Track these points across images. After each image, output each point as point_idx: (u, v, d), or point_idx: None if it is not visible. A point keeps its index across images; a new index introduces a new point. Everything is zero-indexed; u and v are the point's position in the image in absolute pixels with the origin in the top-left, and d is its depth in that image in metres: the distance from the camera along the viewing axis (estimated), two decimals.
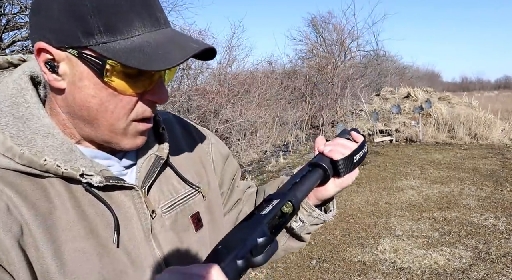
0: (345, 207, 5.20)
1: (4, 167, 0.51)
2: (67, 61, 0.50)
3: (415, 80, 26.96)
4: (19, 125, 0.53)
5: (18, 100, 0.54)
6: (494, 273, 3.23)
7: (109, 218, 0.56)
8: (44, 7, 0.49)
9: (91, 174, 0.54)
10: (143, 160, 0.63)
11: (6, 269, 0.48)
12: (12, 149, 0.51)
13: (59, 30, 0.49)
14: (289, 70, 14.66)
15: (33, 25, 0.51)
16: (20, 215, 0.50)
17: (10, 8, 4.32)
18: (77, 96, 0.52)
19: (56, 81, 0.52)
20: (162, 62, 0.49)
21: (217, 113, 7.77)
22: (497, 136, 10.33)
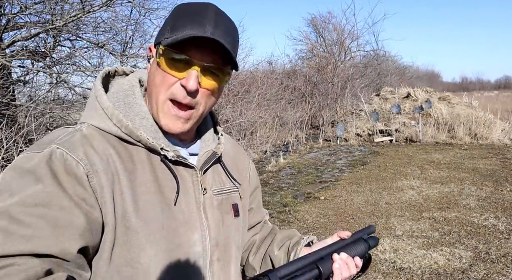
0: (345, 207, 5.20)
1: (112, 133, 0.73)
2: (154, 54, 0.76)
3: (415, 80, 26.97)
4: (127, 109, 0.77)
5: (129, 93, 0.79)
6: (494, 273, 3.23)
7: (173, 184, 0.75)
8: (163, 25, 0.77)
9: (168, 150, 0.75)
10: (203, 152, 0.83)
11: (99, 201, 0.67)
12: (122, 121, 0.73)
13: (157, 36, 0.76)
14: (289, 70, 14.66)
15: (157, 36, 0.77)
16: (115, 167, 0.70)
17: (10, 8, 4.32)
18: (149, 75, 0.77)
19: (147, 68, 0.79)
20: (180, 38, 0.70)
21: (217, 113, 7.77)
22: (497, 136, 10.33)
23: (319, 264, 0.72)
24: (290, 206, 5.34)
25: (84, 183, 0.66)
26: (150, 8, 5.74)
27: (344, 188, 6.19)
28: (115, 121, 0.73)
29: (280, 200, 5.70)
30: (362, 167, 7.80)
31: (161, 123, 0.75)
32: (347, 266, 0.78)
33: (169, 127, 0.75)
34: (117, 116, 0.73)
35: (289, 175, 7.43)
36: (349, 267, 0.78)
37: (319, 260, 0.74)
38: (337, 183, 6.53)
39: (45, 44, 5.07)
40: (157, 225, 0.71)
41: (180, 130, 0.76)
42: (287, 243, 0.94)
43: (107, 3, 4.72)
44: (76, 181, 0.65)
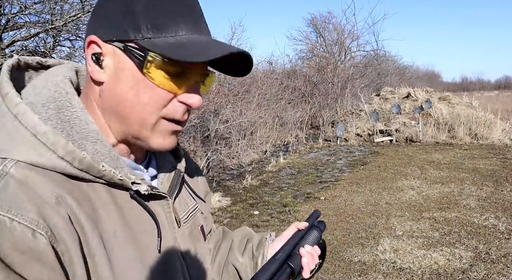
0: (345, 207, 5.19)
1: (56, 170, 0.51)
2: (112, 54, 0.54)
3: (415, 80, 26.97)
4: (68, 129, 0.53)
5: (63, 104, 0.54)
6: (494, 274, 3.23)
7: (146, 225, 0.58)
8: (103, 7, 0.55)
9: (139, 183, 0.57)
10: (166, 172, 0.67)
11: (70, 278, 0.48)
12: (74, 153, 0.51)
13: (110, 25, 0.53)
14: (289, 70, 14.67)
15: (89, 23, 0.55)
16: (78, 222, 0.50)
17: (10, 8, 4.32)
18: (116, 88, 0.55)
19: (98, 73, 0.54)
20: (202, 55, 0.52)
21: (217, 113, 7.76)
22: (497, 136, 10.33)
23: (290, 262, 0.73)
24: (290, 206, 5.34)
25: (50, 260, 0.46)
26: None
27: (344, 188, 6.18)
28: (62, 152, 0.50)
29: (280, 200, 5.70)
30: (362, 167, 7.79)
31: (150, 142, 0.58)
32: (312, 257, 0.79)
33: (160, 144, 0.59)
34: (64, 145, 0.50)
35: (289, 175, 7.43)
36: (314, 258, 0.79)
37: (289, 258, 0.75)
38: (337, 183, 6.52)
39: (45, 44, 5.07)
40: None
41: (172, 146, 0.60)
42: (249, 247, 0.86)
43: None
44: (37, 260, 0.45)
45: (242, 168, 8.06)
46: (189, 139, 7.12)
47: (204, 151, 7.24)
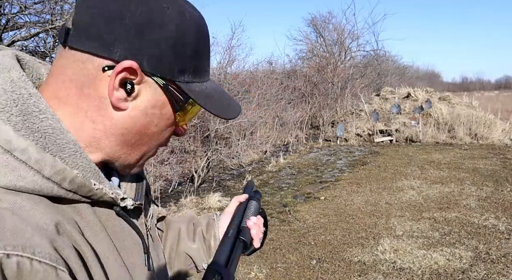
0: (345, 207, 5.19)
1: (41, 193, 0.44)
2: (147, 87, 0.51)
3: (415, 80, 26.98)
4: (42, 141, 0.45)
5: (28, 108, 0.45)
6: (494, 273, 3.23)
7: (128, 241, 0.55)
8: (153, 34, 0.49)
9: (126, 198, 0.53)
10: (126, 180, 0.61)
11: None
12: (64, 171, 0.45)
13: (158, 59, 0.49)
14: (289, 70, 14.66)
15: (131, 45, 0.48)
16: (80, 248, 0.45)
17: (10, 8, 4.32)
18: (140, 121, 0.51)
19: (121, 101, 0.49)
20: (230, 113, 0.57)
21: None
22: (497, 136, 10.33)
23: (242, 237, 0.76)
24: (290, 206, 5.34)
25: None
26: None
27: (344, 188, 6.18)
28: (49, 172, 0.44)
29: (280, 200, 5.70)
30: (362, 167, 7.79)
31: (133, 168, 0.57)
32: (259, 227, 0.81)
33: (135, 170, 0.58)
34: (51, 163, 0.44)
35: (289, 175, 7.43)
36: (260, 227, 0.82)
37: (239, 233, 0.78)
38: (337, 183, 6.52)
39: (45, 44, 5.07)
40: None
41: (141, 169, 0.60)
42: (198, 231, 0.85)
43: None
44: None
45: (242, 168, 8.06)
46: (189, 139, 7.12)
47: (204, 151, 7.24)
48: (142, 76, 0.49)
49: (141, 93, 0.50)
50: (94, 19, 0.47)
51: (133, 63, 0.48)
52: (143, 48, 0.48)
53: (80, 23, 0.48)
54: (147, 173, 5.67)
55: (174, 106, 0.53)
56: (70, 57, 0.48)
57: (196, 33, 0.52)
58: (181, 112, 0.54)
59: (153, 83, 0.50)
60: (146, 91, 0.50)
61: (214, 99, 0.55)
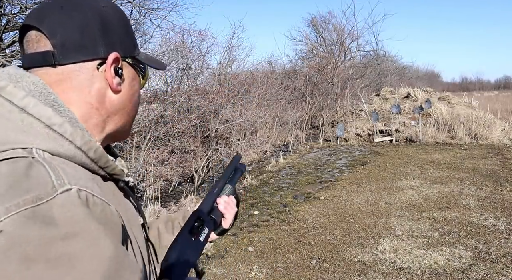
0: (345, 207, 5.20)
1: (75, 161, 0.53)
2: (125, 68, 0.65)
3: (415, 80, 26.98)
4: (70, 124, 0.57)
5: (50, 103, 0.55)
6: (494, 273, 3.23)
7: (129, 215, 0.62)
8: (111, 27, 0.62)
9: (129, 174, 0.64)
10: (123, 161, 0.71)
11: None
12: (90, 143, 0.55)
13: (124, 44, 0.64)
14: (289, 70, 14.67)
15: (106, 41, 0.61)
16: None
17: (10, 9, 4.32)
18: (129, 93, 0.66)
19: (119, 84, 0.63)
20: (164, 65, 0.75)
21: (217, 113, 7.77)
22: (497, 136, 10.34)
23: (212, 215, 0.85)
24: (290, 206, 5.34)
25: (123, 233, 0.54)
26: (150, 8, 5.74)
27: (344, 188, 6.19)
28: (80, 142, 0.54)
29: (280, 200, 5.71)
30: (362, 167, 7.80)
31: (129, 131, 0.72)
32: (229, 204, 0.90)
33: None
34: (81, 135, 0.54)
35: (289, 175, 7.44)
36: (230, 206, 0.91)
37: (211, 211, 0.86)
38: (337, 183, 6.53)
39: None
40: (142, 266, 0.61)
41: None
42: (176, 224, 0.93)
43: None
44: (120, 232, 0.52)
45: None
46: (189, 139, 7.13)
47: (204, 151, 7.24)
48: (121, 61, 0.63)
49: (125, 74, 0.65)
50: (70, 34, 0.57)
51: (116, 54, 0.61)
52: (113, 41, 0.62)
53: (60, 43, 0.57)
54: (147, 173, 5.68)
55: (140, 75, 0.68)
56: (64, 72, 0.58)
57: (126, 16, 0.68)
58: (144, 77, 0.70)
59: (126, 63, 0.65)
60: (125, 71, 0.65)
61: (154, 60, 0.72)
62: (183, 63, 7.44)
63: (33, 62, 0.57)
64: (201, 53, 8.33)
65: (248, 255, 3.83)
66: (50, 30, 0.57)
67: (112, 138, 0.67)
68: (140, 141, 5.95)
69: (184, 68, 7.44)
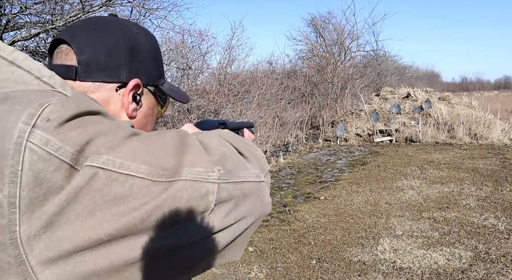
0: (345, 207, 5.20)
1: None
2: (145, 95, 0.66)
3: (415, 80, 26.96)
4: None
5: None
6: (494, 273, 3.23)
7: None
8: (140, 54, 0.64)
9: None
10: None
11: None
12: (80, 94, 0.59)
13: (148, 72, 0.65)
14: (289, 70, 14.65)
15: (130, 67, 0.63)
16: None
17: (11, 9, 4.32)
18: (143, 121, 0.66)
19: (135, 110, 0.64)
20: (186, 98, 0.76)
21: (217, 113, 7.77)
22: (497, 136, 10.34)
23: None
24: (290, 206, 5.34)
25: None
26: (150, 8, 5.75)
27: (344, 188, 6.19)
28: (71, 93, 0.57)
29: (280, 200, 5.71)
30: (362, 167, 7.80)
31: None
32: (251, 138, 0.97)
33: None
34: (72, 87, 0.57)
35: (289, 175, 7.44)
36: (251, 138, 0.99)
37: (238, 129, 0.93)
38: (337, 183, 6.53)
39: (45, 44, 5.07)
40: None
41: None
42: None
43: (106, 3, 4.73)
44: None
45: None
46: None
47: None
48: (142, 88, 0.64)
49: (144, 101, 0.66)
50: (96, 55, 0.60)
51: (137, 81, 0.63)
52: (138, 67, 0.63)
53: (86, 61, 0.59)
54: None
55: (159, 104, 0.70)
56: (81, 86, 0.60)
57: (157, 45, 0.69)
58: (163, 107, 0.71)
59: (147, 91, 0.66)
60: (145, 98, 0.66)
61: (177, 91, 0.73)
62: (183, 63, 7.44)
63: (55, 72, 0.58)
64: (201, 53, 8.33)
65: (248, 255, 3.83)
66: (79, 47, 0.59)
67: None
68: None
69: (184, 68, 7.44)
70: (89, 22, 0.62)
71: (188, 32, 7.64)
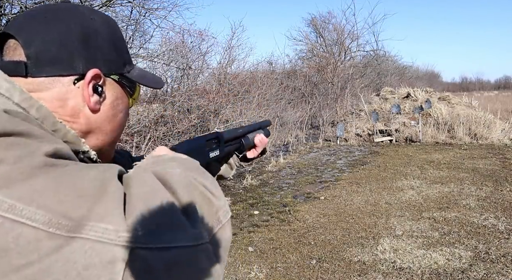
0: (345, 207, 5.20)
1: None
2: (109, 85, 0.61)
3: (415, 80, 26.95)
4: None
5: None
6: (494, 273, 3.23)
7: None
8: (96, 41, 0.58)
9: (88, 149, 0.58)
10: None
11: None
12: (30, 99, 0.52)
13: (108, 60, 0.60)
14: (289, 70, 14.65)
15: (86, 56, 0.57)
16: None
17: (11, 9, 4.32)
18: (110, 113, 0.61)
19: (98, 103, 0.59)
20: (160, 83, 0.71)
21: (217, 113, 7.77)
22: (497, 136, 10.33)
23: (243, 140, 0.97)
24: (290, 206, 5.34)
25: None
26: (150, 8, 5.75)
27: (344, 188, 6.19)
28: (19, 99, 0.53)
29: (280, 200, 5.71)
30: (362, 167, 7.80)
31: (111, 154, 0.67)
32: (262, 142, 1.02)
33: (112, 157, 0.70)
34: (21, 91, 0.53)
35: (289, 175, 7.43)
36: (262, 142, 1.03)
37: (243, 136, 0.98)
38: (337, 183, 6.53)
39: None
40: None
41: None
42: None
43: (106, 3, 4.73)
44: None
45: (242, 168, 8.06)
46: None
47: None
48: (104, 78, 0.59)
49: (108, 92, 0.60)
50: (46, 47, 0.54)
51: (96, 70, 0.57)
52: (95, 56, 0.58)
53: (35, 55, 0.53)
54: None
55: (128, 93, 0.64)
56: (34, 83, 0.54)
57: (118, 31, 0.63)
58: (133, 96, 0.66)
59: (111, 80, 0.61)
60: (109, 89, 0.60)
61: (148, 77, 0.67)
62: (183, 63, 7.44)
63: (5, 69, 0.53)
64: (201, 53, 8.33)
65: (248, 255, 3.83)
66: (26, 40, 0.53)
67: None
68: (140, 141, 5.95)
69: (184, 68, 7.44)
70: (35, 12, 0.56)
71: (188, 32, 7.64)
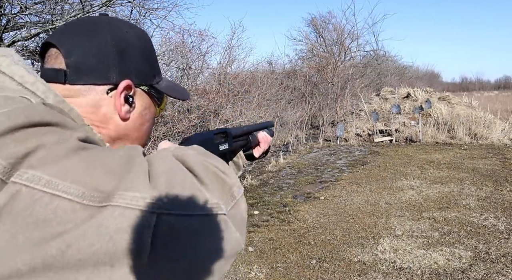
0: (345, 207, 5.20)
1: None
2: (139, 96, 0.65)
3: (415, 80, 26.95)
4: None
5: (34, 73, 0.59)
6: (494, 273, 3.23)
7: None
8: (130, 54, 0.63)
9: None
10: None
11: None
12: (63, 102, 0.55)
13: (139, 72, 0.64)
14: (289, 70, 14.65)
15: (120, 68, 0.61)
16: None
17: (11, 9, 4.32)
18: (138, 122, 0.66)
19: (128, 112, 0.63)
20: (186, 95, 0.75)
21: (217, 113, 7.77)
22: (497, 136, 10.33)
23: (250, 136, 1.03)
24: (290, 206, 5.34)
25: None
26: (150, 8, 5.74)
27: (344, 188, 6.19)
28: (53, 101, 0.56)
29: (280, 200, 5.71)
30: (362, 167, 7.80)
31: None
32: (266, 140, 1.07)
33: None
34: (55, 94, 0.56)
35: (289, 175, 7.43)
36: (266, 140, 1.08)
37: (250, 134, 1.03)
38: (337, 183, 6.53)
39: None
40: None
41: None
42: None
43: (106, 3, 4.73)
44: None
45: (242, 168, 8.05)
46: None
47: None
48: (134, 89, 0.63)
49: (138, 102, 0.65)
50: (85, 58, 0.59)
51: (128, 82, 0.62)
52: (128, 68, 0.62)
53: (74, 64, 0.59)
54: None
55: (156, 103, 0.69)
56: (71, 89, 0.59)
57: (150, 44, 0.68)
58: (160, 106, 0.70)
59: (141, 91, 0.65)
60: (138, 99, 0.65)
61: (175, 89, 0.72)
62: (183, 63, 7.44)
63: (46, 76, 0.58)
64: (201, 53, 8.33)
65: (248, 255, 3.83)
66: (67, 50, 0.59)
67: None
68: None
69: (184, 68, 7.44)
70: (77, 24, 0.61)
71: (188, 32, 7.64)
